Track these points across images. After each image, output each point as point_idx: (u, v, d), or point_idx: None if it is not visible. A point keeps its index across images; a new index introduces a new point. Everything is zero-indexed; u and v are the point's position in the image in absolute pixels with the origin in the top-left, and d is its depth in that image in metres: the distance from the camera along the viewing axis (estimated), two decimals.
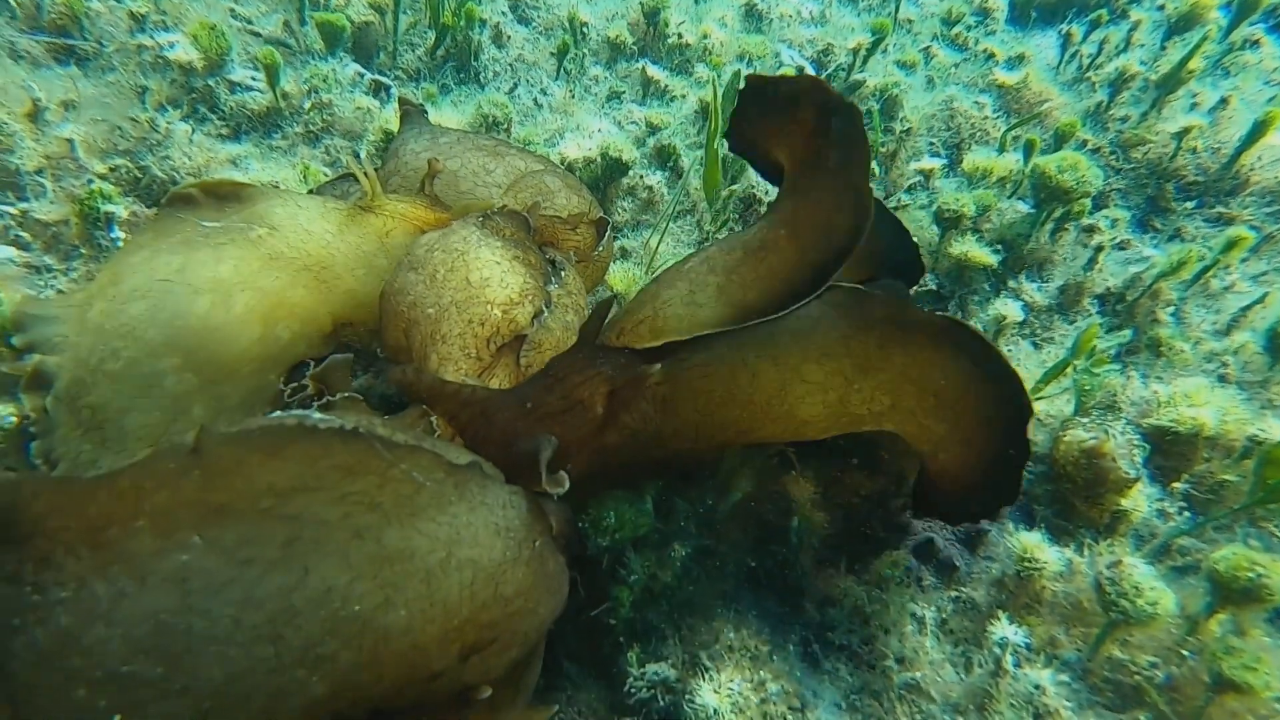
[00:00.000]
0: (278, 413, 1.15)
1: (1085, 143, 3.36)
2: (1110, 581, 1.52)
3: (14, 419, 1.82)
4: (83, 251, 2.40)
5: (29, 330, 1.78)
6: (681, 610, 1.75)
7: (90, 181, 2.53)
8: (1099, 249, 2.67)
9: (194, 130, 2.93)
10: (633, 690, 1.62)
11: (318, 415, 1.13)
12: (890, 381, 1.53)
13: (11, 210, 2.41)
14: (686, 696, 1.55)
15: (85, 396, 1.71)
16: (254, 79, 3.17)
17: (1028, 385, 2.30)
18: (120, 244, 2.42)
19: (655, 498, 1.75)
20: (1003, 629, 1.55)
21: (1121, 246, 2.84)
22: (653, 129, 3.50)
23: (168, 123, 2.84)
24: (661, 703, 1.61)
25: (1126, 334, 2.34)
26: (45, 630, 0.92)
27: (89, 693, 0.91)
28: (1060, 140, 3.17)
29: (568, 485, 1.38)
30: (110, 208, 2.39)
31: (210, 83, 3.06)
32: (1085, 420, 1.91)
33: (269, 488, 1.04)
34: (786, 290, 1.48)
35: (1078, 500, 1.87)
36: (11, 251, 2.36)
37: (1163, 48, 3.58)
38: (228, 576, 0.99)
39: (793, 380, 1.49)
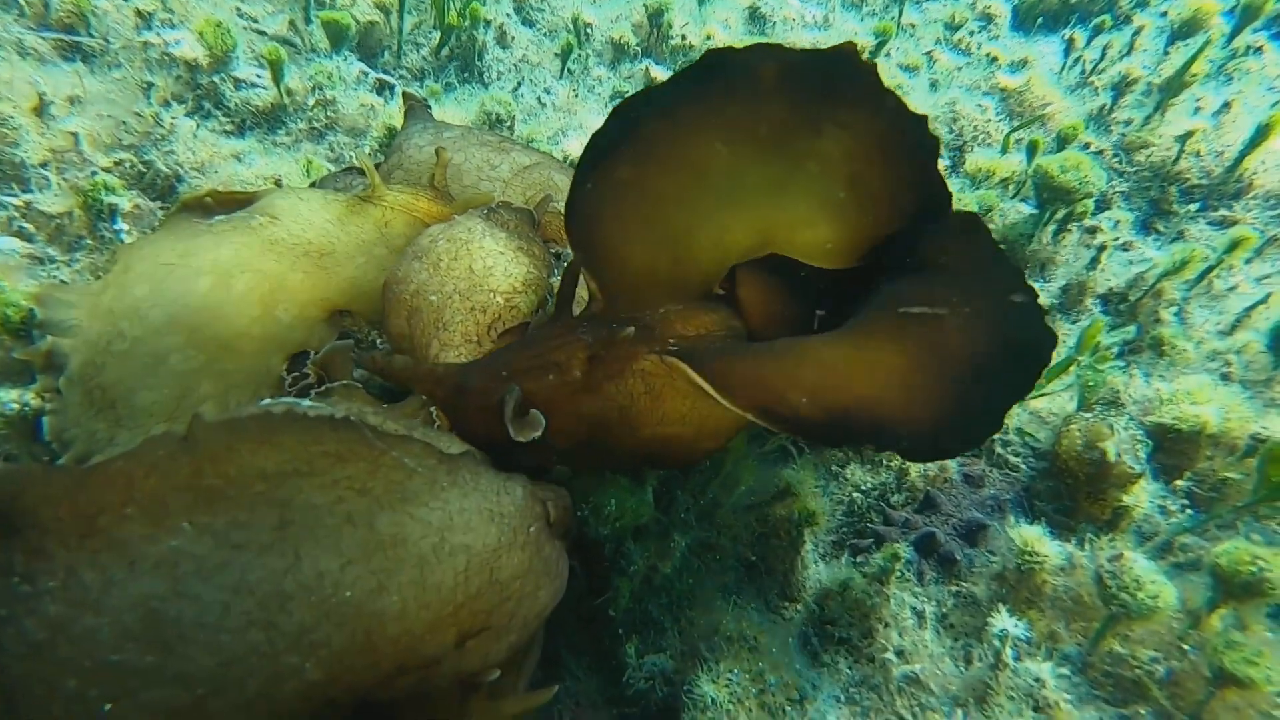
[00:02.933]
0: (267, 400, 1.15)
1: (1088, 145, 3.36)
2: (1111, 575, 1.50)
3: (15, 406, 1.82)
4: (87, 243, 2.40)
5: (47, 314, 1.81)
6: (681, 602, 1.74)
7: (94, 174, 2.54)
8: (1102, 249, 2.67)
9: (198, 126, 2.95)
10: (631, 681, 1.61)
11: (306, 403, 1.14)
12: None
13: (15, 202, 2.42)
14: (685, 687, 1.54)
15: (97, 377, 1.74)
16: (259, 76, 3.19)
17: None
18: (124, 235, 2.43)
19: (656, 488, 1.74)
20: (1002, 621, 1.53)
21: (1124, 247, 2.84)
22: None
23: (172, 118, 2.86)
24: (660, 694, 1.60)
25: (1130, 330, 2.33)
26: (35, 620, 0.91)
27: (80, 682, 0.91)
28: (1063, 143, 3.17)
29: (540, 427, 1.35)
30: (114, 199, 2.40)
31: (215, 79, 3.08)
32: (1088, 416, 1.90)
33: (260, 472, 1.04)
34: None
35: (1080, 496, 1.86)
36: (15, 243, 2.37)
37: (1166, 52, 3.59)
38: (219, 561, 0.98)
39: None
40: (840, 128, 1.45)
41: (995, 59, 4.05)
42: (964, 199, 2.99)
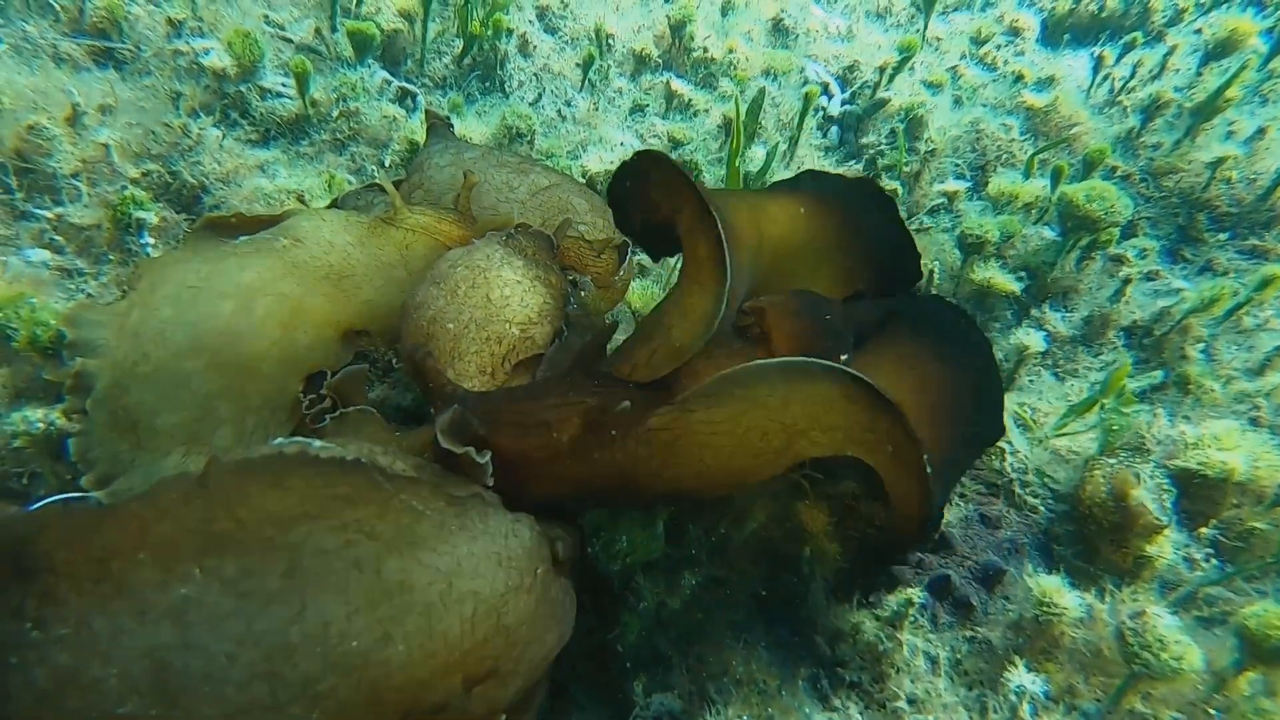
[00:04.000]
0: (279, 440, 1.15)
1: (1115, 169, 3.30)
2: (1133, 633, 1.47)
3: (41, 425, 1.85)
4: (111, 257, 2.44)
5: (76, 335, 1.85)
6: (690, 639, 1.73)
7: (124, 188, 2.58)
8: (1126, 281, 2.61)
9: (224, 136, 2.98)
10: (639, 719, 1.61)
11: (318, 444, 1.14)
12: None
13: (48, 214, 2.46)
14: None
15: (122, 399, 1.77)
16: (284, 85, 3.21)
17: (1050, 419, 2.26)
18: (149, 249, 2.46)
19: (667, 522, 1.73)
20: (1020, 676, 1.50)
21: (1150, 277, 2.78)
22: (675, 143, 3.49)
23: (199, 128, 2.89)
24: None
25: (1157, 375, 2.28)
26: (44, 669, 0.92)
27: None
28: (1089, 166, 3.11)
29: (486, 459, 1.33)
30: (142, 214, 2.44)
31: (242, 89, 3.11)
32: (1113, 461, 1.86)
33: (270, 517, 1.04)
34: None
35: (1102, 543, 1.82)
36: (46, 254, 2.41)
37: (1199, 73, 3.51)
38: (227, 610, 0.99)
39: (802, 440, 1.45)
40: None
41: (1021, 76, 3.98)
42: (985, 223, 2.95)
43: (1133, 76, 3.65)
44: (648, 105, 3.77)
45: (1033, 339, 2.48)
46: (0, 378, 1.94)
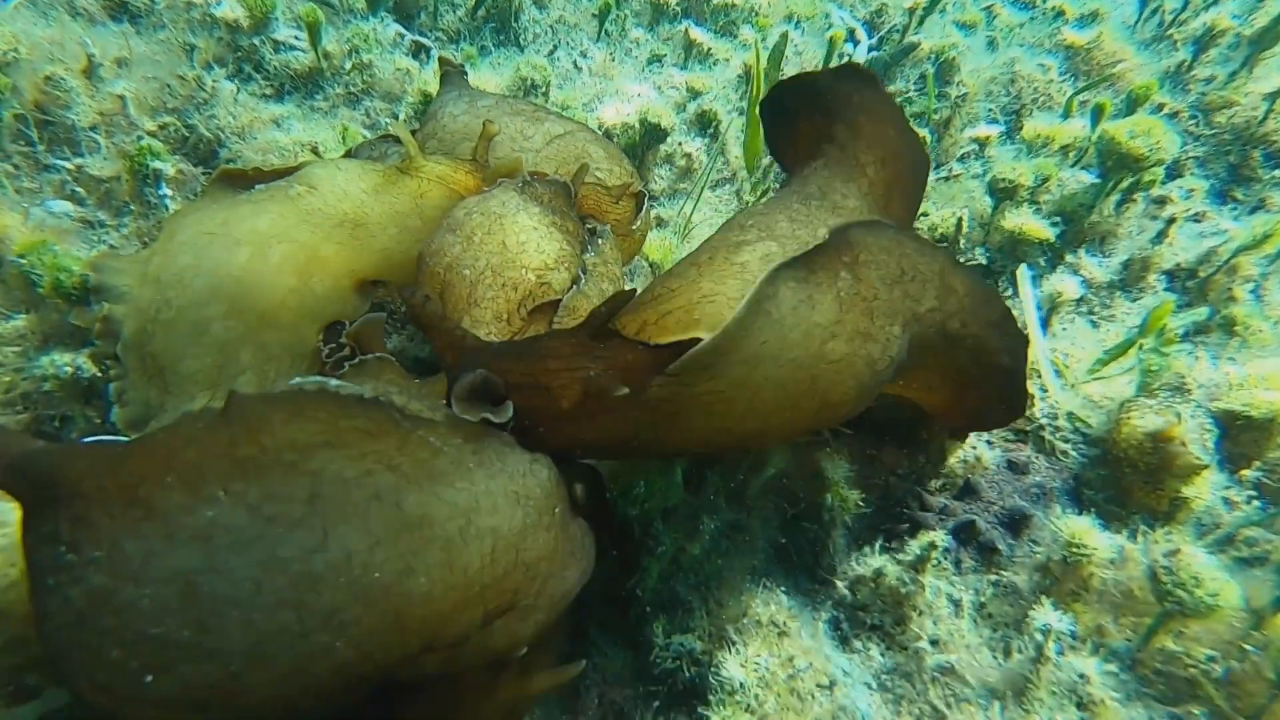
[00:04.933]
0: (296, 379, 1.16)
1: (1161, 106, 3.13)
2: (1166, 570, 1.43)
3: (69, 369, 1.89)
4: (133, 208, 2.45)
5: (100, 280, 1.87)
6: (709, 583, 1.73)
7: (141, 138, 2.58)
8: (1171, 221, 2.49)
9: (239, 90, 2.95)
10: (658, 660, 1.62)
11: (336, 383, 1.14)
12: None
13: (68, 165, 2.47)
14: (712, 669, 1.54)
15: (147, 345, 1.80)
16: (297, 38, 3.17)
17: (1083, 365, 2.18)
18: (168, 201, 2.47)
19: (685, 469, 1.72)
20: (1046, 615, 1.48)
21: (1196, 218, 2.64)
22: (694, 93, 3.39)
23: (214, 81, 2.87)
24: (687, 674, 1.60)
25: (1202, 312, 2.17)
26: (80, 590, 0.94)
27: (123, 653, 0.94)
28: (1134, 104, 2.95)
29: (506, 417, 1.31)
30: (159, 164, 2.44)
31: (255, 41, 3.07)
32: (1151, 402, 1.79)
33: (292, 442, 1.05)
34: None
35: (1136, 486, 1.76)
36: (68, 206, 2.42)
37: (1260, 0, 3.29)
38: (252, 534, 1.00)
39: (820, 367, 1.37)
40: None
41: (1062, 12, 3.77)
42: (1019, 168, 2.82)
43: (1185, 7, 3.43)
44: (665, 55, 3.66)
45: (1067, 285, 2.39)
46: (27, 323, 1.97)
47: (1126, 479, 1.81)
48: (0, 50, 2.44)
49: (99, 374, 1.91)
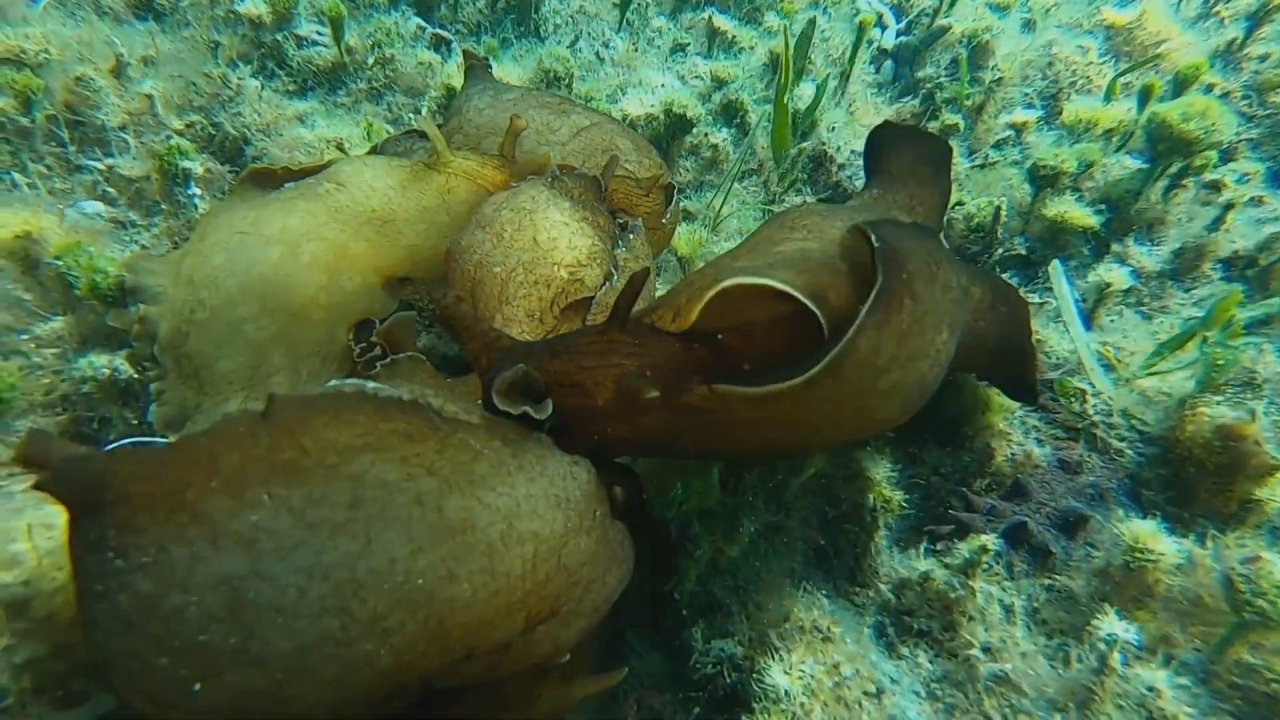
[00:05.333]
0: (334, 381, 1.13)
1: (1211, 87, 3.00)
2: (1245, 579, 1.35)
3: (106, 370, 1.89)
4: (163, 208, 2.45)
5: (136, 281, 1.87)
6: (748, 586, 1.69)
7: (169, 138, 2.57)
8: (1229, 207, 2.37)
9: (263, 86, 2.94)
10: (698, 665, 1.58)
11: (373, 385, 1.12)
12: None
13: (99, 166, 2.47)
14: (755, 675, 1.50)
15: (183, 346, 1.80)
16: (319, 33, 3.15)
17: (1135, 359, 2.09)
18: (196, 200, 2.47)
19: (722, 470, 1.67)
20: (1111, 624, 1.41)
21: (1254, 203, 2.52)
22: (719, 83, 3.32)
23: (239, 79, 2.86)
24: (728, 679, 1.56)
25: (1274, 303, 2.05)
26: (128, 596, 0.93)
27: (170, 661, 0.92)
28: (1181, 86, 2.83)
29: (547, 414, 1.28)
30: (188, 164, 2.43)
31: (278, 37, 3.06)
32: (1219, 398, 1.70)
33: (333, 445, 1.03)
34: None
35: (1202, 487, 1.68)
36: (100, 206, 2.43)
37: None
38: (296, 539, 0.97)
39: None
40: None
41: None
42: (1061, 153, 2.72)
43: None
44: (688, 44, 3.59)
45: (1116, 275, 2.29)
46: (65, 324, 1.98)
47: (1191, 479, 1.72)
48: (32, 51, 2.45)
49: (135, 375, 1.91)
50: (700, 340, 1.32)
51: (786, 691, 1.43)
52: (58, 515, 1.34)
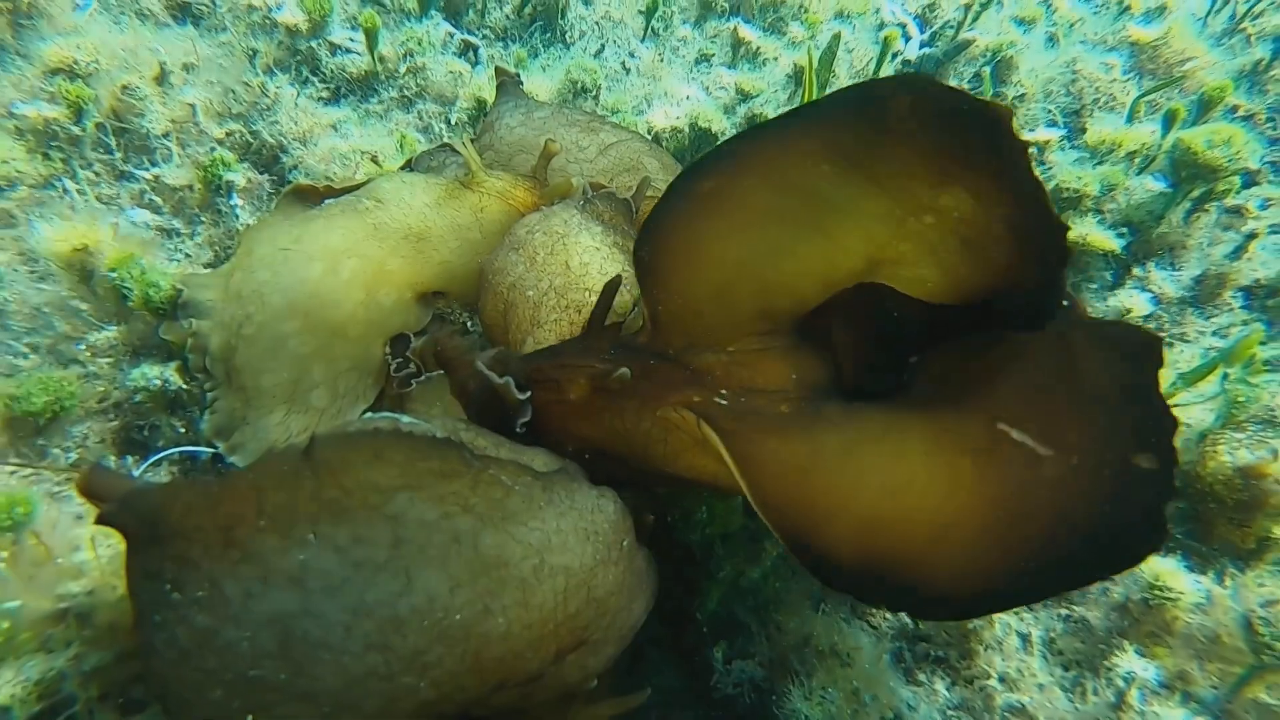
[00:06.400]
0: (370, 415, 1.18)
1: (1236, 109, 2.98)
2: (1265, 622, 1.37)
3: (158, 382, 1.96)
4: (204, 218, 2.51)
5: (189, 296, 1.95)
6: (767, 607, 1.73)
7: (213, 149, 2.63)
8: (1252, 236, 2.38)
9: (298, 94, 3.00)
10: (719, 685, 1.62)
11: (407, 420, 1.16)
12: None
13: (145, 175, 2.54)
14: (774, 698, 1.54)
15: (232, 359, 1.87)
16: (352, 40, 3.20)
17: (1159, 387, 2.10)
18: (238, 211, 2.53)
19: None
20: (1129, 661, 1.43)
21: (1277, 230, 2.52)
22: (743, 95, 3.34)
23: (276, 87, 2.91)
24: (748, 700, 1.61)
25: None
26: (185, 629, 0.98)
27: (224, 693, 0.98)
28: (1206, 106, 2.82)
29: (526, 395, 1.35)
30: (230, 175, 2.49)
31: (313, 44, 3.11)
32: (1241, 435, 1.72)
33: (374, 485, 1.07)
34: None
35: (1220, 521, 1.70)
36: (146, 215, 2.49)
37: None
38: (341, 577, 1.02)
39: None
40: (970, 194, 1.22)
41: (1127, 7, 3.61)
42: (1085, 175, 2.72)
43: None
44: (714, 54, 3.61)
45: (1136, 300, 2.30)
46: (118, 334, 2.05)
47: (1210, 513, 1.74)
48: (84, 62, 2.51)
49: (185, 386, 1.98)
50: (671, 360, 1.35)
51: (808, 718, 1.47)
52: None
